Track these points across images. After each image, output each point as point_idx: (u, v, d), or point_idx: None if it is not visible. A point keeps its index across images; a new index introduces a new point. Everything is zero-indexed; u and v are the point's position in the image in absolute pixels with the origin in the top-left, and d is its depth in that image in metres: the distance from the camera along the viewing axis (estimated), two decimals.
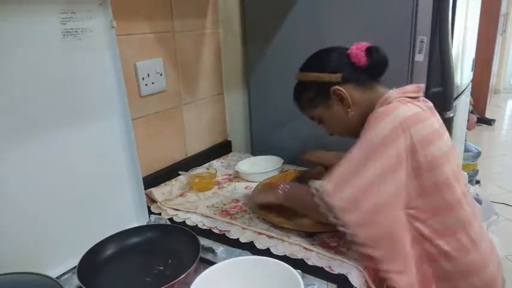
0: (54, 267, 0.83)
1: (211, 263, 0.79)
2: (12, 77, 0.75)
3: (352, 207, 0.77)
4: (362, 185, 0.77)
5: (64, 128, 0.84)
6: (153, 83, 1.20)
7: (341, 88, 0.89)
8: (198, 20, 1.36)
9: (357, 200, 0.77)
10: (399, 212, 0.80)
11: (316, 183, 0.82)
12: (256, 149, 1.56)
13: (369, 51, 0.88)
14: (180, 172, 1.26)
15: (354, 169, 0.79)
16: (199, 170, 1.29)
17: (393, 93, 0.87)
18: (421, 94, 0.89)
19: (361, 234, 0.78)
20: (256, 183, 1.21)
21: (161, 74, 1.23)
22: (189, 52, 1.33)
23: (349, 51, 0.90)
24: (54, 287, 0.67)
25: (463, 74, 1.49)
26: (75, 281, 0.76)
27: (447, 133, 0.88)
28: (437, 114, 0.89)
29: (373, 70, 0.90)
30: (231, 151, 1.58)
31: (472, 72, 1.76)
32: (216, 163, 1.44)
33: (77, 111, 0.86)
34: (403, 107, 0.81)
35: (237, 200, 1.15)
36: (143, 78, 1.17)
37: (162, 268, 0.83)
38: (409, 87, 0.88)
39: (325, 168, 1.17)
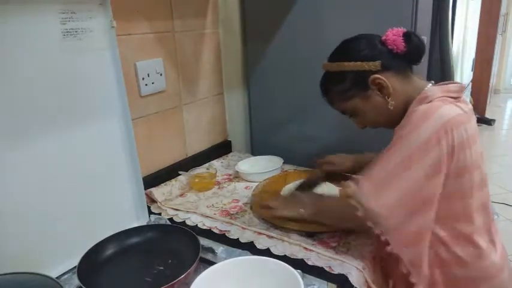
0: (54, 267, 0.83)
1: (211, 263, 0.79)
2: (12, 77, 0.75)
3: (392, 213, 0.75)
4: (403, 190, 0.74)
5: (64, 128, 0.84)
6: (153, 83, 1.20)
7: (381, 76, 0.83)
8: (198, 20, 1.36)
9: (397, 206, 0.75)
10: (433, 213, 0.78)
11: (351, 184, 0.80)
12: (256, 149, 1.56)
13: (407, 36, 0.83)
14: (180, 172, 1.26)
15: (394, 172, 0.75)
16: (199, 170, 1.29)
17: (435, 90, 0.82)
18: (462, 94, 0.84)
19: (395, 238, 0.76)
20: (256, 183, 1.21)
21: (161, 74, 1.23)
22: (189, 52, 1.33)
23: (384, 37, 0.85)
24: (54, 287, 0.67)
25: (463, 74, 1.50)
26: (75, 281, 0.76)
27: (479, 138, 0.84)
28: (474, 116, 0.85)
29: (411, 57, 0.85)
30: (231, 151, 1.57)
31: (472, 72, 1.77)
32: (216, 163, 1.44)
33: (77, 111, 0.86)
34: (446, 107, 0.77)
35: (237, 200, 1.15)
36: (143, 78, 1.17)
37: (162, 268, 0.83)
38: (452, 87, 0.83)
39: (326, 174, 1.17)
